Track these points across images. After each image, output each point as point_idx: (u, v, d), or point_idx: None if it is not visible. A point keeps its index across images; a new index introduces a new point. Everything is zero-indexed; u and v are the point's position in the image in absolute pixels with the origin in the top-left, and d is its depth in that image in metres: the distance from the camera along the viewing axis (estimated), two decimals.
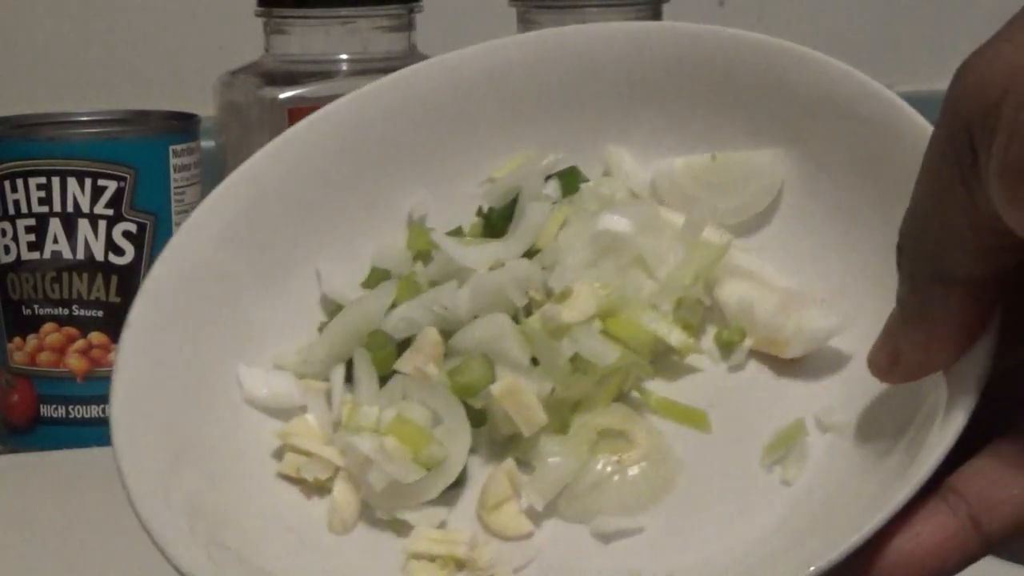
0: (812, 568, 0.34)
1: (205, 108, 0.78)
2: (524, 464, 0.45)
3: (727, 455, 0.44)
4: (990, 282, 0.34)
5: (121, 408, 0.42)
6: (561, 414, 0.45)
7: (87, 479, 0.70)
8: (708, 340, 0.47)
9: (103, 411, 0.76)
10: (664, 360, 0.47)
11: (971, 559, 0.34)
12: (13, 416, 0.78)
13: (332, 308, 0.49)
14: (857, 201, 0.45)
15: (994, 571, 0.57)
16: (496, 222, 0.50)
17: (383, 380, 0.47)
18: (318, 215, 0.50)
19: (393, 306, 0.48)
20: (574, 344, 0.44)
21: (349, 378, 0.48)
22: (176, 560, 0.38)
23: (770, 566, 0.39)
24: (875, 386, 0.41)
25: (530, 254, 0.49)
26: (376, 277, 0.50)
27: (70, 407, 0.76)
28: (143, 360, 0.44)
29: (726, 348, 0.46)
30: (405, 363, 0.46)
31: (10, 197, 0.75)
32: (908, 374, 0.37)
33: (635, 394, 0.46)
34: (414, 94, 0.51)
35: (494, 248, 0.49)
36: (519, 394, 0.44)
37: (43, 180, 0.74)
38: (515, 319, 0.46)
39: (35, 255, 0.75)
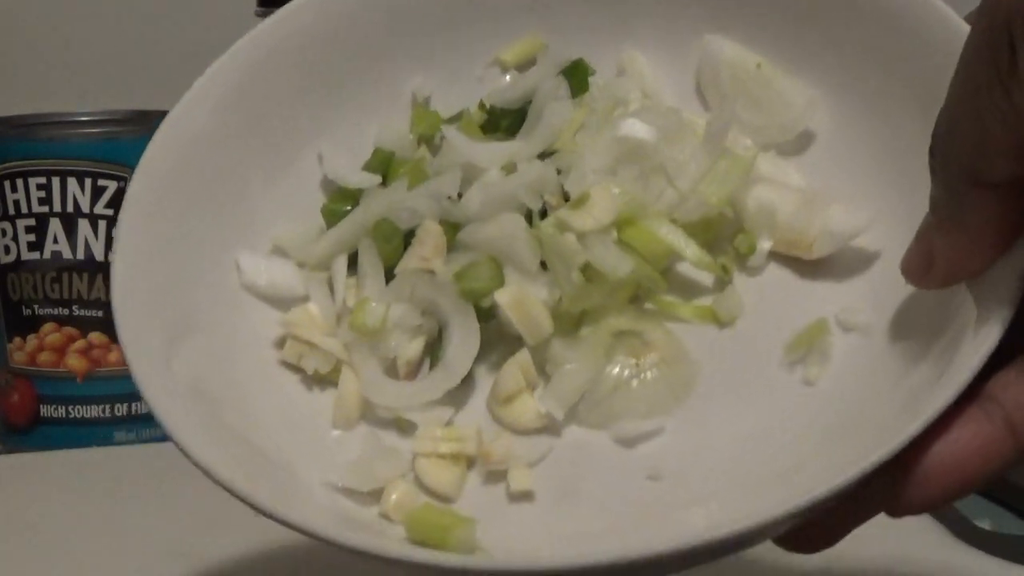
0: (854, 471, 0.33)
1: None
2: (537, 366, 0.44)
3: (746, 355, 0.43)
4: None
5: (121, 286, 0.41)
6: (571, 318, 0.44)
7: (87, 479, 0.70)
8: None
9: (103, 411, 0.75)
10: (680, 272, 0.46)
11: (1009, 465, 0.34)
12: (13, 416, 0.77)
13: (334, 190, 0.48)
14: (891, 105, 0.44)
15: (994, 571, 0.57)
16: (500, 121, 0.49)
17: (388, 272, 0.45)
18: (318, 94, 0.48)
19: None
20: (587, 252, 0.43)
21: (352, 268, 0.46)
22: (172, 430, 0.37)
23: (804, 469, 0.38)
24: (902, 288, 0.40)
25: (543, 155, 0.47)
26: (379, 158, 0.48)
27: (70, 407, 0.76)
28: (143, 239, 0.43)
29: (743, 256, 0.45)
30: (410, 258, 0.45)
31: (10, 197, 0.75)
32: (943, 279, 0.36)
33: (649, 305, 0.45)
34: None
35: (508, 147, 0.47)
36: (525, 304, 0.43)
37: (43, 180, 0.74)
38: (528, 219, 0.45)
39: (35, 255, 0.75)
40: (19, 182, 0.75)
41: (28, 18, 0.93)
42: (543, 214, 0.45)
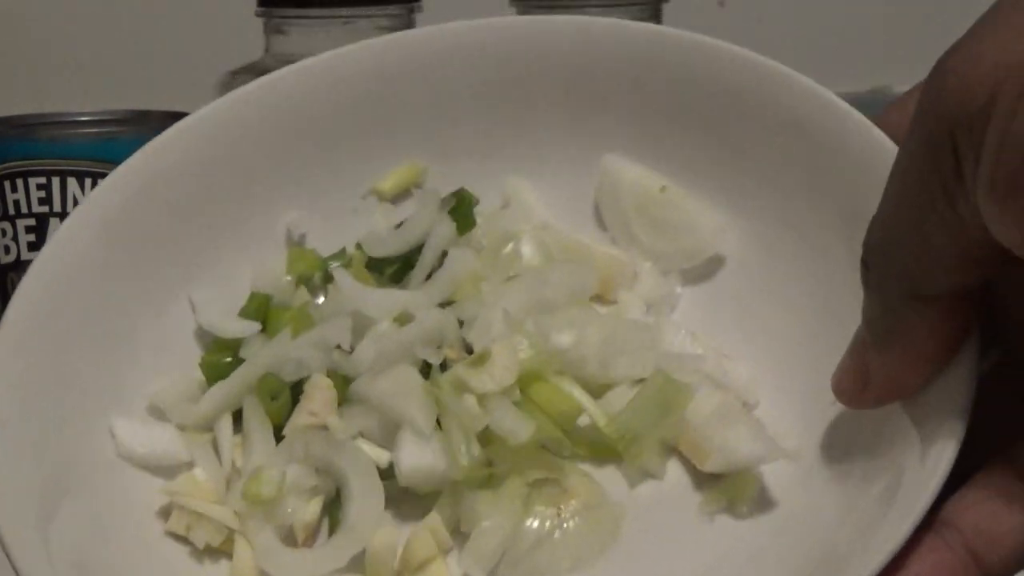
0: None
1: None
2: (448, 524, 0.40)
3: (670, 493, 0.41)
4: (968, 297, 0.32)
5: None
6: (481, 471, 0.40)
7: None
8: None
9: None
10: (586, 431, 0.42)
11: None
12: None
13: (211, 341, 0.44)
14: (808, 224, 0.42)
15: None
16: (384, 268, 0.46)
17: (277, 431, 0.42)
18: (189, 234, 0.44)
19: None
20: (486, 416, 0.40)
21: (237, 426, 0.43)
22: None
23: None
24: (832, 408, 0.38)
25: (441, 304, 0.44)
26: (256, 303, 0.45)
27: None
28: (14, 393, 0.38)
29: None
30: (299, 414, 0.42)
31: (10, 197, 0.74)
32: (880, 398, 0.34)
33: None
34: (283, 99, 0.45)
35: (402, 296, 0.44)
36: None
37: (43, 180, 0.74)
38: (426, 373, 0.41)
39: (35, 255, 0.75)
40: (19, 182, 0.75)
41: (28, 18, 0.93)
42: (443, 367, 0.42)
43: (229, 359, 0.44)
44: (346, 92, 0.46)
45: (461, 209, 0.46)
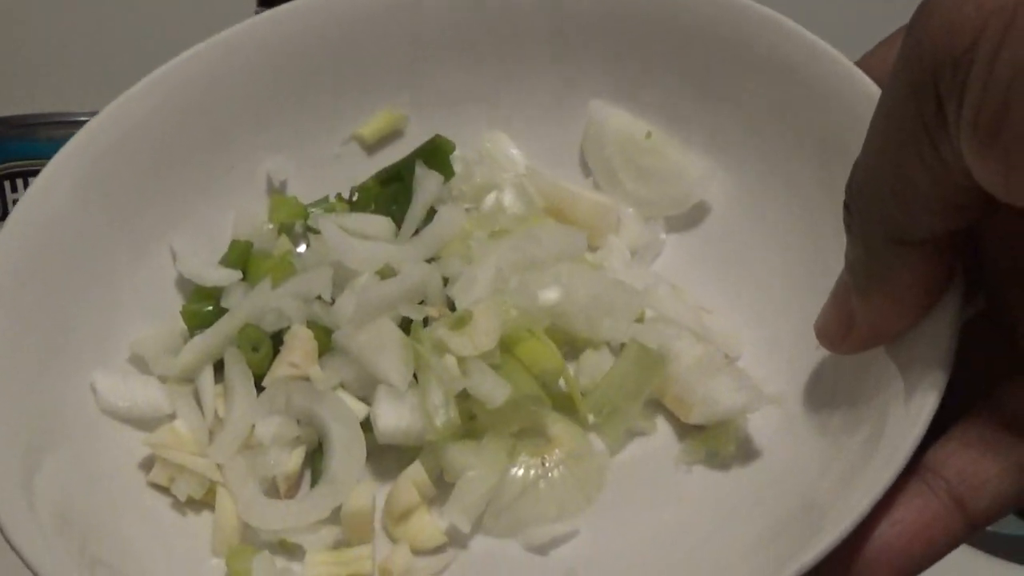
0: (790, 571, 0.30)
1: None
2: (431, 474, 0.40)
3: (653, 445, 0.41)
4: (950, 241, 0.31)
5: None
6: (464, 423, 0.40)
7: None
8: None
9: None
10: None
11: (957, 542, 0.31)
12: None
13: (192, 289, 0.44)
14: (793, 170, 0.41)
15: (994, 571, 0.57)
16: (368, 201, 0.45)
17: (259, 381, 0.41)
18: (170, 181, 0.44)
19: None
20: (465, 379, 0.39)
21: (219, 375, 0.42)
22: (40, 571, 0.33)
23: (747, 567, 0.35)
24: (815, 353, 0.38)
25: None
26: (237, 251, 0.44)
27: None
28: None
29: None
30: (279, 365, 0.41)
31: (10, 197, 0.74)
32: (863, 343, 0.34)
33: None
34: (261, 45, 0.45)
35: (386, 250, 0.43)
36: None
37: None
38: (407, 328, 0.41)
39: None
40: (19, 182, 0.75)
41: (28, 18, 0.94)
42: (425, 323, 0.41)
43: (210, 307, 0.44)
44: (325, 37, 0.45)
45: (438, 157, 0.46)
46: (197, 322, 0.43)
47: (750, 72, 0.42)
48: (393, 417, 0.40)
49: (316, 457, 0.41)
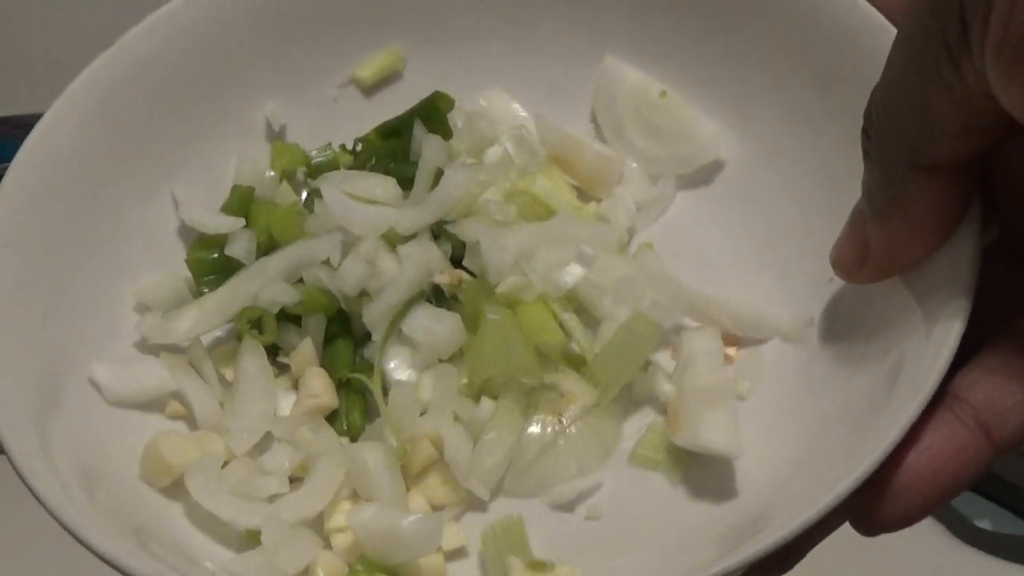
0: (825, 501, 0.30)
1: None
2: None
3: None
4: (968, 167, 0.31)
5: None
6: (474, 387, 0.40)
7: None
8: None
9: None
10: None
11: (985, 468, 0.31)
12: None
13: (196, 237, 0.44)
14: (813, 113, 0.41)
15: (994, 571, 0.56)
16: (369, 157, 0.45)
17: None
18: (168, 127, 0.43)
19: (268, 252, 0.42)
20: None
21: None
22: (59, 515, 0.33)
23: (780, 499, 0.35)
24: (831, 284, 0.38)
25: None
26: (238, 196, 0.44)
27: None
28: (4, 289, 0.38)
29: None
30: (302, 400, 0.41)
31: None
32: (880, 272, 0.34)
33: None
34: None
35: (391, 215, 0.42)
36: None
37: None
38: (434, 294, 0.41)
39: None
40: None
41: (28, 18, 0.94)
42: (440, 293, 0.42)
43: (215, 255, 0.43)
44: None
45: (436, 116, 0.45)
46: (203, 270, 0.43)
47: (769, 21, 0.41)
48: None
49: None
